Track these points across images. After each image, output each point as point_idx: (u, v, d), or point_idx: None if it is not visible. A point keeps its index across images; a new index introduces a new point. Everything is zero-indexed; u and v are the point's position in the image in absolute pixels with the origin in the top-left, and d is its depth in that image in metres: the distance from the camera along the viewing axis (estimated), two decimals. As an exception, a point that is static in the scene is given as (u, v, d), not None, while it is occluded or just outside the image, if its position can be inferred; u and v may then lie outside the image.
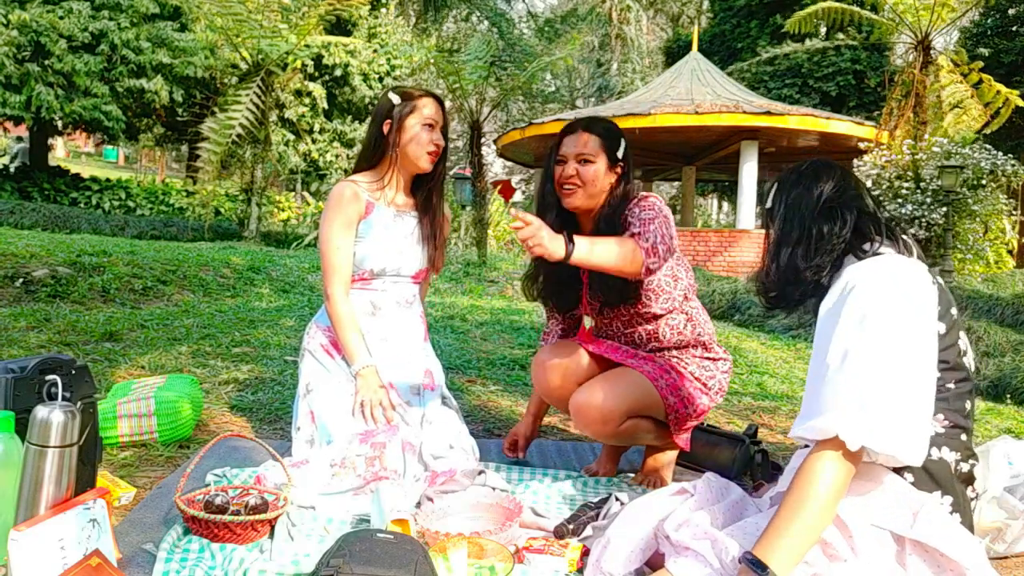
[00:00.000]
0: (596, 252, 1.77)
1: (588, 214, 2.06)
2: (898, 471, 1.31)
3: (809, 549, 1.22)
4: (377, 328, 2.21)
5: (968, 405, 1.40)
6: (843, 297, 1.30)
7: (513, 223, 1.67)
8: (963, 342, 1.39)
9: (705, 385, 2.09)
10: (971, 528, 1.37)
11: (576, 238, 1.75)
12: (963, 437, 1.37)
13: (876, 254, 1.36)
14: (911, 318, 1.26)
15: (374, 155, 2.21)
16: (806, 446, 1.41)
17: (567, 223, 2.03)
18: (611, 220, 1.99)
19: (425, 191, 2.26)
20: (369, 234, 2.17)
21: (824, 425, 1.21)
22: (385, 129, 2.16)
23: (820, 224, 1.42)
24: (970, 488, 1.39)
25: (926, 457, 1.32)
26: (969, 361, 1.40)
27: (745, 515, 1.41)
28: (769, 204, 1.53)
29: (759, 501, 1.50)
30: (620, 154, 2.04)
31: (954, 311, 1.38)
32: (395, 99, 2.16)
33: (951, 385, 1.35)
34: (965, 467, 1.37)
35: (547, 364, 2.12)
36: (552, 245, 1.69)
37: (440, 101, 2.21)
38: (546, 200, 2.08)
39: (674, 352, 2.11)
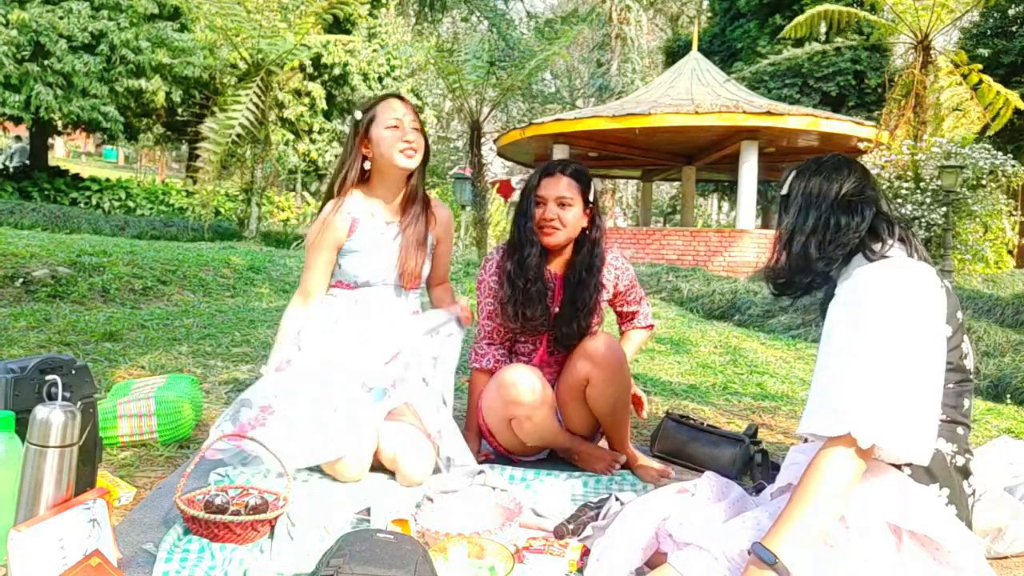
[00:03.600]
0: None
1: (561, 248, 2.26)
2: (896, 464, 1.32)
3: (817, 542, 1.23)
4: (359, 325, 2.18)
5: (966, 403, 1.42)
6: (855, 298, 1.31)
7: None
8: (965, 345, 1.40)
9: None
10: (968, 521, 1.38)
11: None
12: (959, 431, 1.39)
13: (885, 256, 1.37)
14: (922, 321, 1.27)
15: (350, 172, 2.22)
16: (805, 440, 1.41)
17: (542, 256, 2.24)
18: (588, 267, 2.24)
19: (404, 198, 2.24)
20: (355, 249, 2.19)
21: (837, 423, 1.22)
22: (356, 144, 2.20)
23: (838, 216, 1.43)
24: (966, 483, 1.40)
25: None
26: (969, 363, 1.42)
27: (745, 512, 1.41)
28: (785, 190, 1.52)
29: (759, 499, 1.51)
30: (591, 197, 2.25)
31: (959, 315, 1.39)
32: (358, 115, 2.23)
33: (951, 385, 1.37)
34: (961, 460, 1.38)
35: (512, 380, 2.09)
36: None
37: (402, 99, 2.21)
38: (525, 237, 2.23)
39: None
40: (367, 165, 2.21)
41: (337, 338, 2.15)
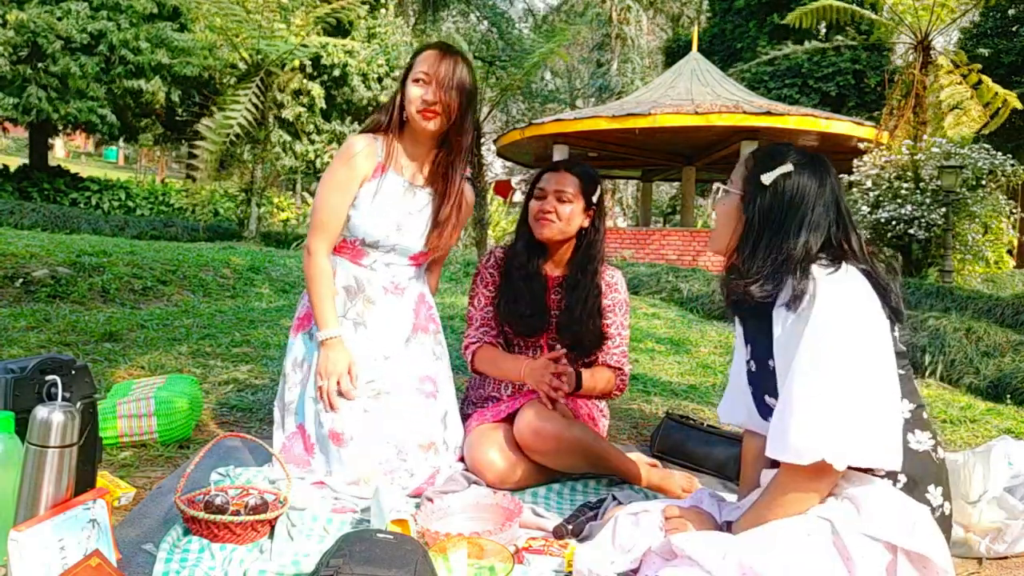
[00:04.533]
0: (590, 386, 2.16)
1: (557, 247, 2.22)
2: (891, 474, 1.31)
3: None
4: (353, 311, 2.02)
5: (915, 383, 1.42)
6: (801, 317, 1.29)
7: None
8: (895, 331, 1.38)
9: (601, 411, 2.34)
10: (951, 512, 1.38)
11: (582, 377, 2.12)
12: (924, 415, 1.38)
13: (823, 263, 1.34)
14: (871, 330, 1.26)
15: (387, 120, 2.03)
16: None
17: (534, 251, 2.22)
18: (583, 268, 2.20)
19: (443, 164, 2.05)
20: (370, 200, 1.99)
21: (809, 450, 1.22)
22: (398, 91, 2.01)
23: (797, 236, 1.37)
24: (945, 468, 1.41)
25: (912, 449, 1.33)
26: (898, 343, 1.39)
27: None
28: (768, 180, 1.39)
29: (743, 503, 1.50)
30: (595, 199, 2.20)
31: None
32: (410, 59, 2.02)
33: (900, 372, 1.35)
34: (940, 451, 1.38)
35: (473, 460, 2.02)
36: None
37: (444, 51, 1.96)
38: (519, 230, 2.25)
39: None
40: (404, 115, 2.01)
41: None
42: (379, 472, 1.92)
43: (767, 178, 1.40)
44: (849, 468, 1.27)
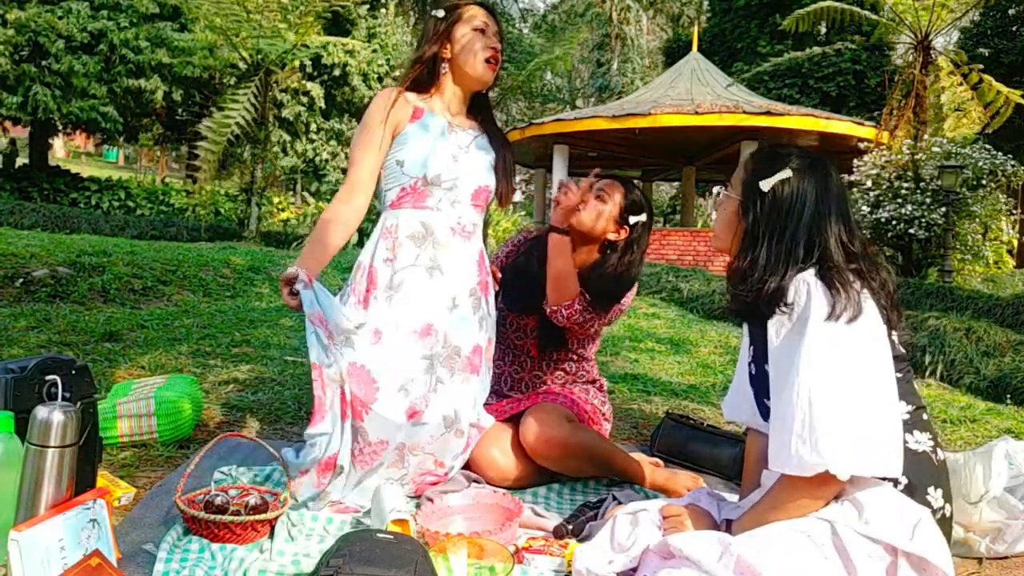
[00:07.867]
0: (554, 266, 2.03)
1: (579, 238, 2.11)
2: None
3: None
4: (425, 256, 1.90)
5: (916, 385, 1.42)
6: (796, 326, 1.27)
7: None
8: (894, 334, 1.38)
9: (604, 416, 2.30)
10: (952, 514, 1.38)
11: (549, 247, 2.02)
12: (924, 416, 1.38)
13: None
14: (867, 337, 1.25)
15: (423, 77, 1.99)
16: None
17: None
18: (601, 280, 2.09)
19: (483, 107, 2.04)
20: (417, 136, 1.91)
21: (813, 461, 1.21)
22: (434, 47, 1.96)
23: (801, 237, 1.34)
24: (946, 470, 1.41)
25: (911, 449, 1.32)
26: (898, 346, 1.38)
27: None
28: (767, 187, 1.36)
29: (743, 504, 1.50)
30: (632, 221, 2.12)
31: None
32: (439, 14, 1.98)
33: (898, 374, 1.34)
34: (940, 452, 1.37)
35: (478, 462, 2.03)
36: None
37: (488, 8, 2.00)
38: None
39: (580, 385, 2.31)
40: (443, 69, 1.97)
41: (409, 299, 1.87)
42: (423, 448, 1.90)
43: (766, 184, 1.37)
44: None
